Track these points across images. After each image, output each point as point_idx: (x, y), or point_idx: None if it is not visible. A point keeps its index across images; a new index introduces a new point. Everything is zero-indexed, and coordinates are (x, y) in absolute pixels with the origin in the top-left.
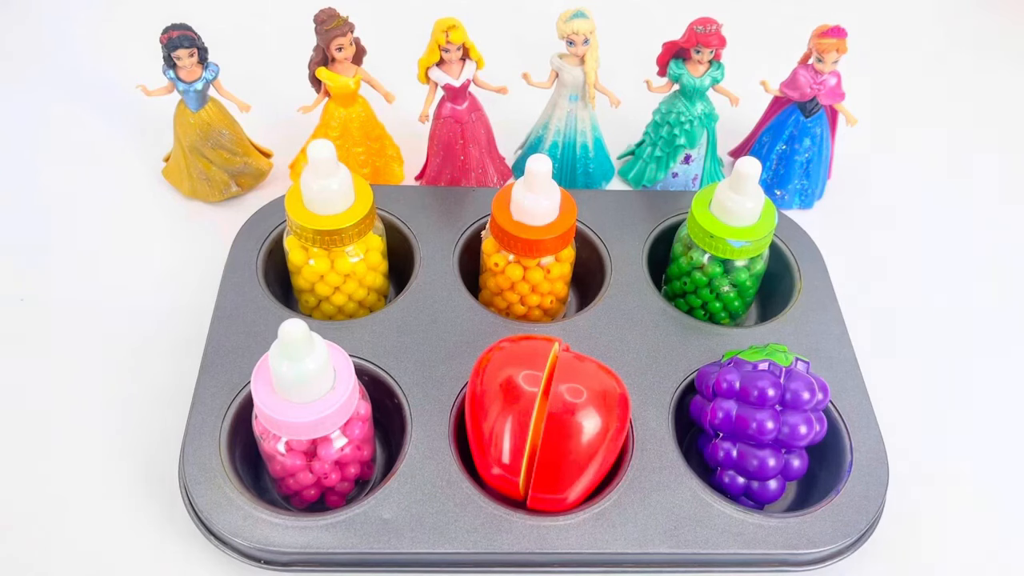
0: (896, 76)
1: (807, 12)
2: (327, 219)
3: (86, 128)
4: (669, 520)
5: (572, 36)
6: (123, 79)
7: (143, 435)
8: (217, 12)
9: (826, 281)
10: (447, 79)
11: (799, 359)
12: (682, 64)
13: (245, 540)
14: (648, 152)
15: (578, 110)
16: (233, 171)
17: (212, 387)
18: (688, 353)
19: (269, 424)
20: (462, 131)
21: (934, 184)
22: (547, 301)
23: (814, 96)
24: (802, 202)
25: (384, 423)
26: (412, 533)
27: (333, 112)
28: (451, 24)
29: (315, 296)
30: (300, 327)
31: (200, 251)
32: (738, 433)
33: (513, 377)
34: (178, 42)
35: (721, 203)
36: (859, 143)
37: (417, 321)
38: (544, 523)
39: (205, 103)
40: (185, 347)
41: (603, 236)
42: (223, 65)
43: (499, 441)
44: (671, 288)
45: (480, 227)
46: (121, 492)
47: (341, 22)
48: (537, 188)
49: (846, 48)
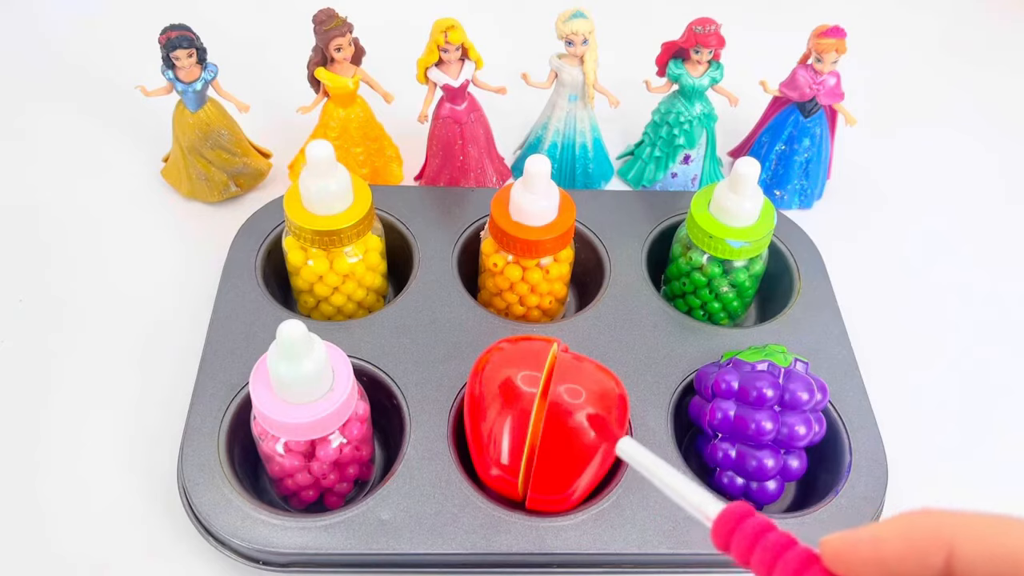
0: (896, 76)
1: (807, 12)
2: (326, 219)
3: (85, 128)
4: (668, 520)
5: (571, 36)
6: (122, 79)
7: (142, 435)
8: (216, 12)
9: (825, 281)
10: (446, 79)
11: (798, 360)
12: (681, 64)
13: (244, 541)
14: (647, 152)
15: (577, 110)
16: (232, 171)
17: (211, 388)
18: (687, 354)
19: (268, 425)
20: (461, 131)
21: (934, 184)
22: (546, 302)
23: (813, 96)
24: (801, 202)
25: (383, 424)
26: (411, 534)
27: (332, 112)
28: (450, 24)
29: (314, 297)
30: (298, 328)
31: (199, 251)
32: (737, 434)
33: (512, 378)
34: (177, 42)
35: (720, 203)
36: (858, 143)
37: (416, 322)
38: (543, 524)
39: (204, 103)
40: (184, 347)
41: (602, 236)
42: (222, 65)
43: (498, 442)
44: (670, 289)
45: (479, 227)
46: (120, 492)
47: (340, 22)
48: (536, 188)
49: (845, 48)
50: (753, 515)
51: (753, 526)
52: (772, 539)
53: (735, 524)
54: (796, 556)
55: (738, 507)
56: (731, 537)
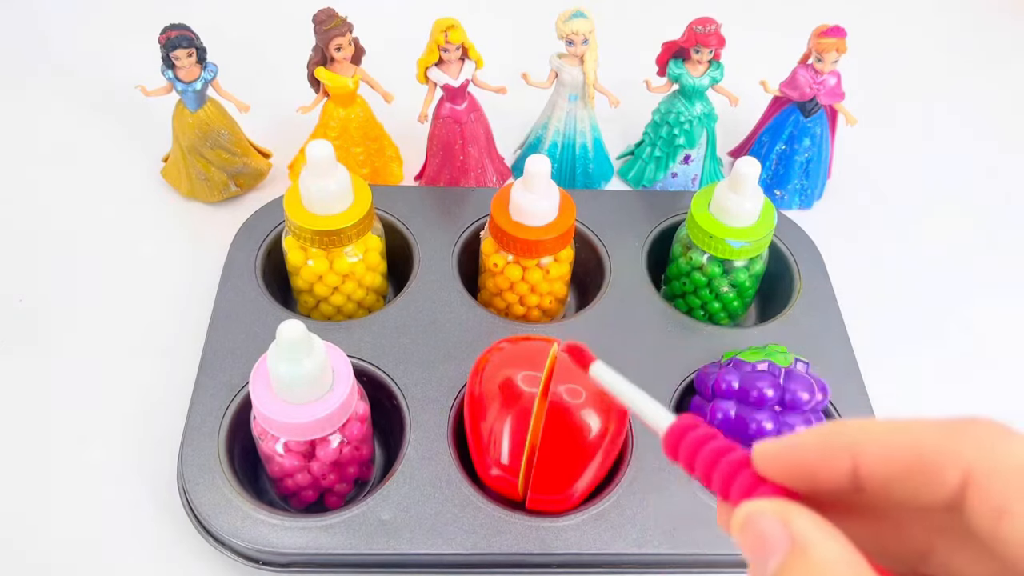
0: (897, 75)
1: (807, 12)
2: (326, 219)
3: (85, 128)
4: (668, 521)
5: (571, 36)
6: (122, 79)
7: (142, 436)
8: (216, 12)
9: (825, 281)
10: (446, 79)
11: (799, 360)
12: (681, 64)
13: (244, 541)
14: (647, 152)
15: (577, 110)
16: (232, 171)
17: (211, 388)
18: (687, 354)
19: (267, 425)
20: (461, 131)
21: (934, 184)
22: (546, 301)
23: (814, 96)
24: (802, 202)
25: (383, 424)
26: (411, 534)
27: (332, 112)
28: (450, 24)
29: (314, 296)
30: (298, 328)
31: (198, 251)
32: (737, 434)
33: (512, 378)
34: (176, 42)
35: (720, 203)
36: (859, 143)
37: (416, 322)
38: (543, 524)
39: (204, 103)
40: (184, 347)
41: (602, 236)
42: (222, 65)
43: (498, 442)
44: (670, 288)
45: (479, 227)
46: (119, 493)
47: (340, 22)
48: (536, 188)
49: (845, 48)
50: (698, 426)
51: (697, 436)
52: (713, 446)
53: (682, 434)
54: (732, 461)
55: (686, 419)
56: (678, 446)
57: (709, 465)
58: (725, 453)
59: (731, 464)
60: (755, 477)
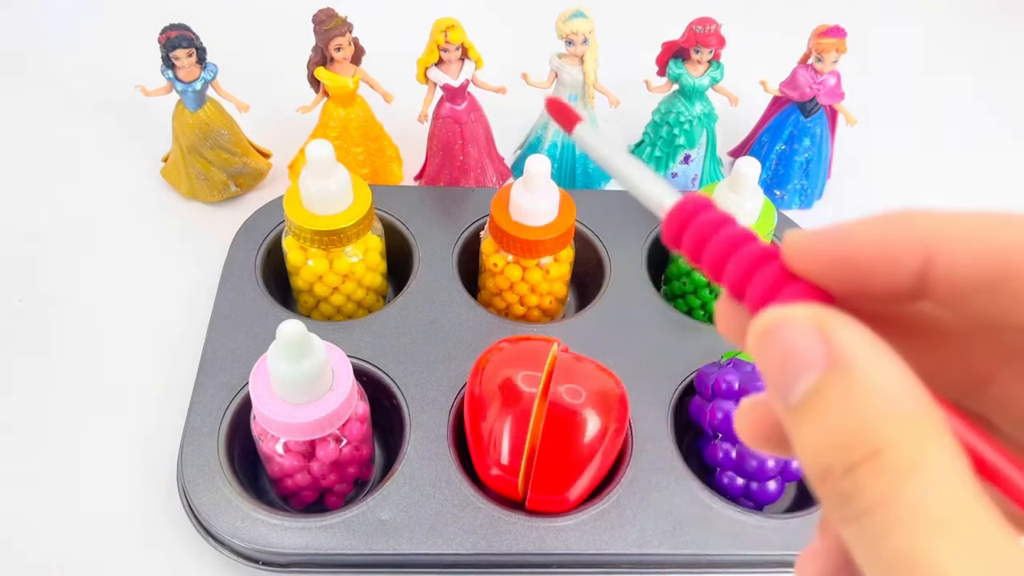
0: (897, 75)
1: (807, 12)
2: (326, 219)
3: (85, 128)
4: (668, 521)
5: (571, 36)
6: (122, 79)
7: (141, 436)
8: (216, 12)
9: None
10: (446, 79)
11: None
12: (681, 64)
13: (243, 541)
14: (647, 152)
15: (578, 110)
16: (232, 171)
17: (211, 388)
18: (687, 354)
19: (267, 425)
20: (461, 131)
21: (935, 184)
22: (546, 301)
23: (814, 96)
24: (802, 202)
25: (383, 424)
26: (411, 534)
27: (332, 112)
28: (450, 24)
29: (313, 296)
30: (298, 328)
31: (198, 251)
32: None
33: (512, 378)
34: (176, 42)
35: (720, 203)
36: (859, 143)
37: (416, 322)
38: (543, 524)
39: (204, 103)
40: (183, 348)
41: (602, 236)
42: (222, 65)
43: (498, 442)
44: (670, 288)
45: (479, 227)
46: (119, 493)
47: (340, 22)
48: (536, 188)
49: (845, 48)
50: (709, 208)
51: (708, 219)
52: (726, 233)
53: (688, 217)
54: (752, 252)
55: (693, 198)
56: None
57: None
58: (744, 243)
59: (751, 255)
60: (783, 273)
